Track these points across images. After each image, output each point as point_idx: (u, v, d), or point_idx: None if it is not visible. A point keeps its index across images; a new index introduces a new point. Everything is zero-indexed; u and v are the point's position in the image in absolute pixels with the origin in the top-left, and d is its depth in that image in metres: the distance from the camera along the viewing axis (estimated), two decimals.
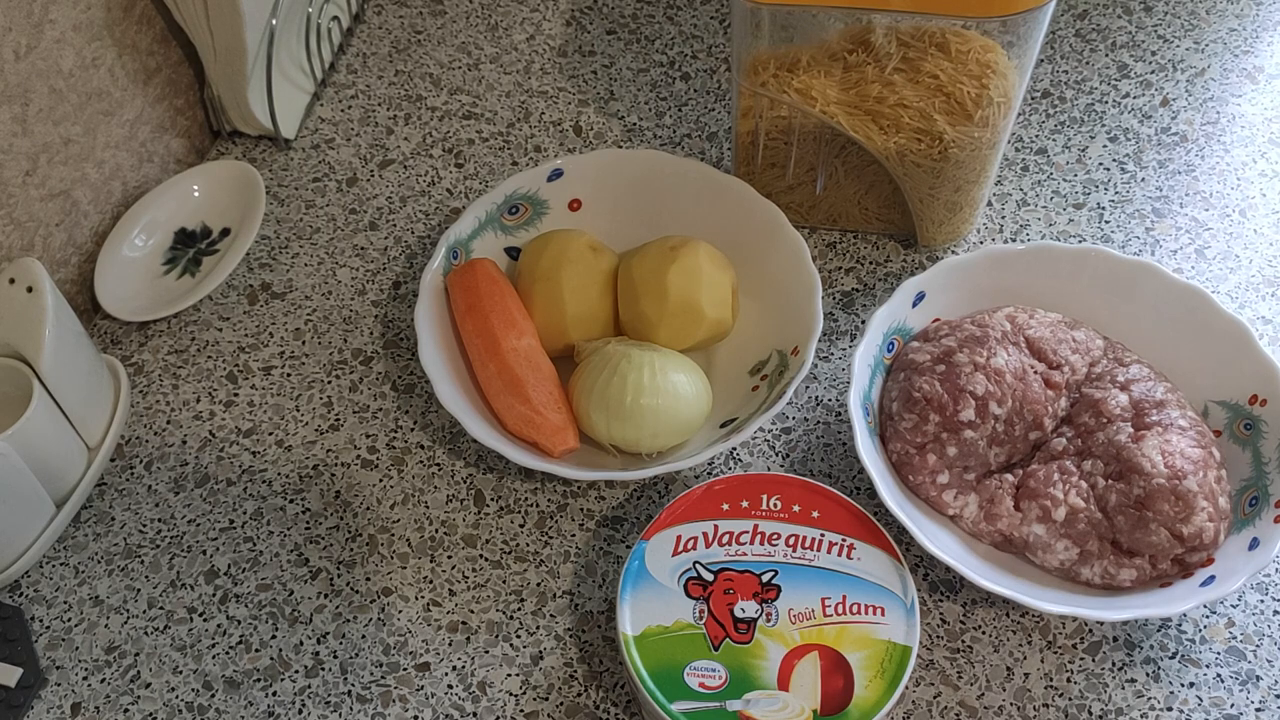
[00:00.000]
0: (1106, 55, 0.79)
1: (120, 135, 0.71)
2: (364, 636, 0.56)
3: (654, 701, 0.47)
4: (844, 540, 0.51)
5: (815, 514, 0.51)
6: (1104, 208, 0.71)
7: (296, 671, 0.55)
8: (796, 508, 0.51)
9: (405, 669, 0.55)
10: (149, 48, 0.71)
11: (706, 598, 0.49)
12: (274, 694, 0.54)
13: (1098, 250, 0.61)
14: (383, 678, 0.54)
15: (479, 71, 0.81)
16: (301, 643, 0.56)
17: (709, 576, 0.50)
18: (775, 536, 0.50)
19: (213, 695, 0.54)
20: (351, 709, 0.53)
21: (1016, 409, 0.56)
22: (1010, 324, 0.59)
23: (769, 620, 0.48)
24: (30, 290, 0.57)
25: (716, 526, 0.51)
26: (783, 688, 0.47)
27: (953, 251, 0.69)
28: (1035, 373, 0.57)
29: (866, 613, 0.48)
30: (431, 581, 0.57)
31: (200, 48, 0.71)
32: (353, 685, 0.54)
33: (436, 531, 0.59)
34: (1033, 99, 0.77)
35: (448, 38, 0.83)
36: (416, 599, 0.57)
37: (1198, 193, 0.72)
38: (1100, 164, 0.73)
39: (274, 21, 0.72)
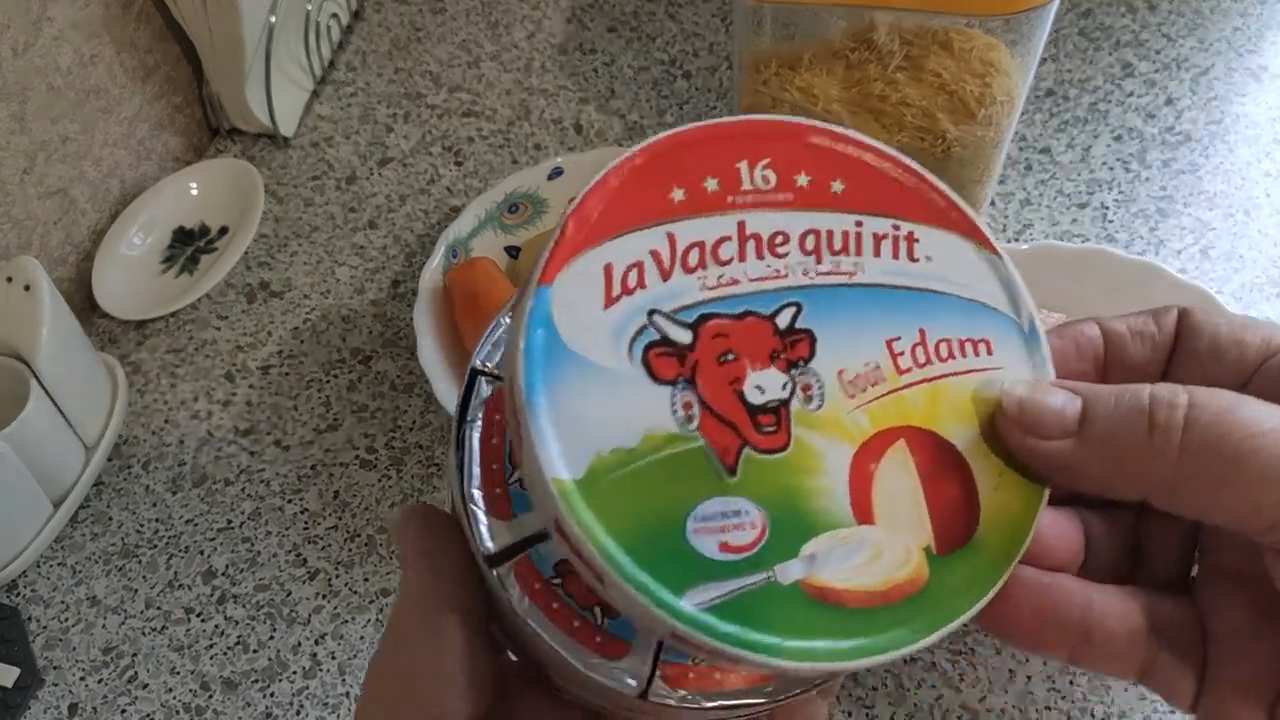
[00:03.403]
0: (1110, 54, 0.79)
1: (118, 133, 0.70)
2: (362, 638, 0.55)
3: (645, 601, 0.22)
4: (896, 227, 0.27)
5: (838, 186, 0.27)
6: (1108, 207, 0.71)
7: (294, 673, 0.54)
8: (803, 179, 0.27)
9: None
10: (147, 45, 0.71)
11: (690, 378, 0.25)
12: (272, 695, 0.54)
13: (1101, 250, 0.60)
14: None
15: (479, 69, 0.80)
16: (299, 644, 0.55)
17: (683, 335, 0.25)
18: (780, 239, 0.26)
19: (210, 696, 0.54)
20: (349, 710, 0.53)
21: None
22: None
23: (809, 400, 0.25)
24: (27, 288, 0.56)
25: (672, 236, 0.26)
26: (863, 519, 0.25)
27: None
28: None
29: (964, 354, 0.27)
30: None
31: (199, 45, 0.71)
32: (351, 687, 0.54)
33: None
34: (1036, 98, 0.76)
35: (448, 35, 0.83)
36: None
37: (1202, 193, 0.71)
38: (1104, 163, 0.73)
39: (272, 18, 0.72)
